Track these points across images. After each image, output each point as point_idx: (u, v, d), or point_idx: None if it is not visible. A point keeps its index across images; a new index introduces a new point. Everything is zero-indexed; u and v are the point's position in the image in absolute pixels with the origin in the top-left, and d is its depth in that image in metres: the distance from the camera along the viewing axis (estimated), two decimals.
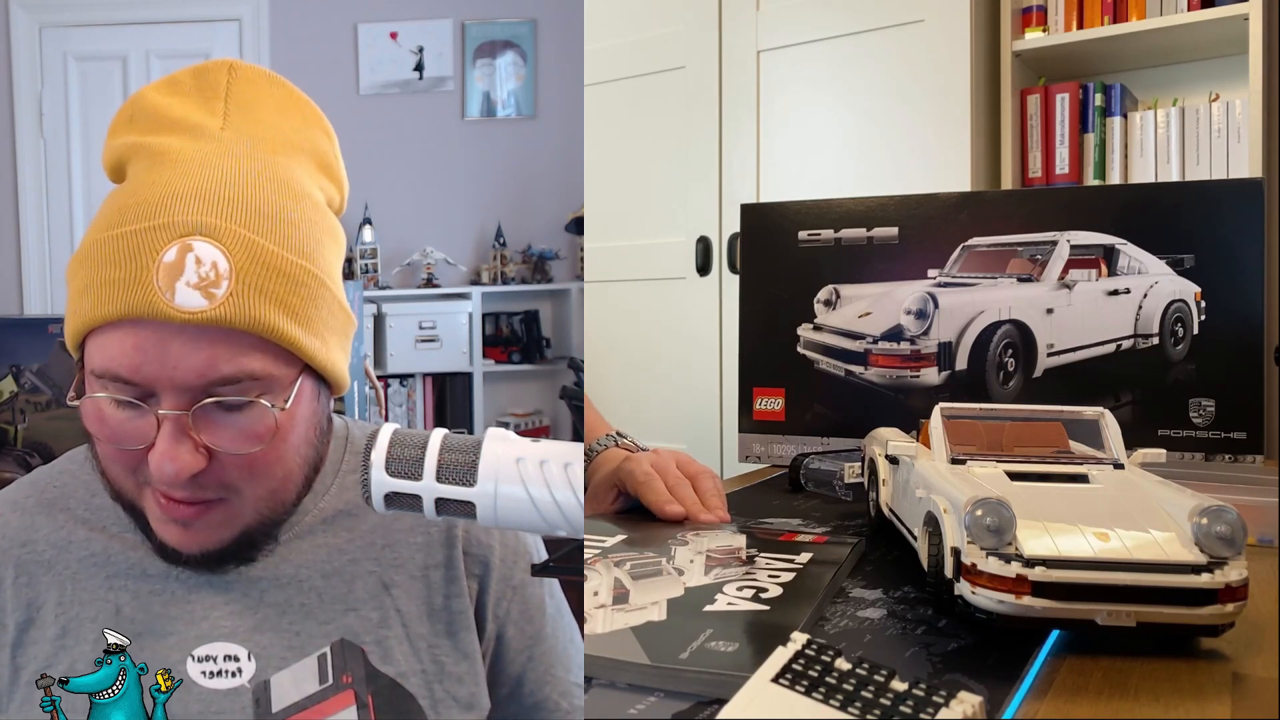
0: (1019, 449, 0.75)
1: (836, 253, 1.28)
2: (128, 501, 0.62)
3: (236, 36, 3.45)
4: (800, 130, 2.61)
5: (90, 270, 0.57)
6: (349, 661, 0.61)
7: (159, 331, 0.55)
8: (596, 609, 0.61)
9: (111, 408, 0.57)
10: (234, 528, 0.62)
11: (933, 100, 2.40)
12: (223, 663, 0.62)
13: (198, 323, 0.55)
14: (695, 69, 2.76)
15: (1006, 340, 1.20)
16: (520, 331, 3.53)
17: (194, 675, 0.61)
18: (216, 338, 0.56)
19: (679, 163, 2.80)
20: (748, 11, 2.67)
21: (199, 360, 0.55)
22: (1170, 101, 2.47)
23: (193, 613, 0.63)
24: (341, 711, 0.59)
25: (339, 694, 0.59)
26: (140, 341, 0.55)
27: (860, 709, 0.41)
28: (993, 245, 1.22)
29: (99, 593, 0.63)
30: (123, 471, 0.60)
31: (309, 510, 0.67)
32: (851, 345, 1.25)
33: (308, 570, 0.65)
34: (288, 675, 0.61)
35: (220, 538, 0.61)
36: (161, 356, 0.55)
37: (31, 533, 0.65)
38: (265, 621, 0.63)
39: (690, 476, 0.94)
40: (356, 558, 0.66)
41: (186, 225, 0.56)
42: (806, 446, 1.26)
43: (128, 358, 0.55)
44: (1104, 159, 2.44)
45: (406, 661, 0.64)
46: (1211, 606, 0.55)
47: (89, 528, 0.65)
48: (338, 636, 0.63)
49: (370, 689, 0.60)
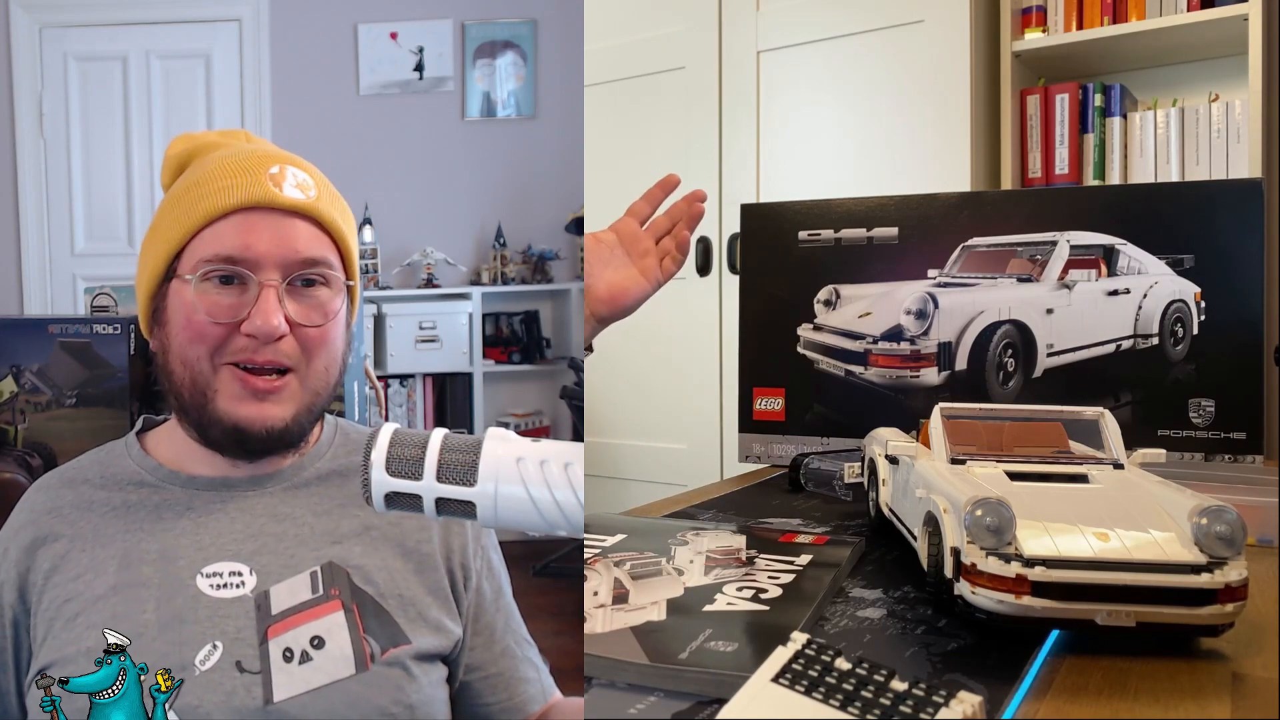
0: (1019, 449, 0.75)
1: (836, 253, 1.28)
2: (199, 389, 0.71)
3: (236, 36, 3.45)
4: (800, 130, 2.61)
5: (200, 184, 0.72)
6: (336, 579, 0.71)
7: (269, 217, 0.71)
8: (596, 609, 0.61)
9: (214, 289, 0.70)
10: (295, 405, 0.72)
11: (933, 100, 2.40)
12: (228, 577, 0.70)
13: (301, 209, 0.71)
14: (695, 69, 2.76)
15: (1006, 340, 1.20)
16: (520, 331, 3.53)
17: (203, 588, 0.70)
18: (309, 228, 0.72)
19: (679, 163, 2.80)
20: (748, 11, 2.67)
21: (299, 242, 0.71)
22: (1170, 102, 2.47)
23: (202, 540, 0.72)
24: (331, 614, 0.69)
25: (328, 602, 0.70)
26: (253, 224, 0.70)
27: (860, 709, 0.41)
28: (993, 245, 1.22)
29: (118, 536, 0.71)
30: (206, 352, 0.71)
31: (305, 468, 0.77)
32: (851, 345, 1.25)
33: (302, 510, 0.75)
34: (284, 587, 0.70)
35: (284, 414, 0.72)
36: (272, 235, 0.70)
37: (56, 501, 0.74)
38: (265, 547, 0.72)
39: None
40: (343, 503, 0.76)
41: (280, 157, 0.74)
42: (806, 446, 1.26)
43: (243, 237, 0.70)
44: (1104, 159, 2.44)
45: (385, 586, 0.73)
46: (1211, 606, 0.55)
47: (107, 489, 0.74)
48: (326, 560, 0.72)
49: (355, 600, 0.70)
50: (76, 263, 3.46)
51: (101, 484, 0.75)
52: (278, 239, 0.71)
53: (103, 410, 1.31)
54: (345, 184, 0.79)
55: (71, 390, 1.32)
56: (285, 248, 0.71)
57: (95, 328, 1.31)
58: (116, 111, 3.42)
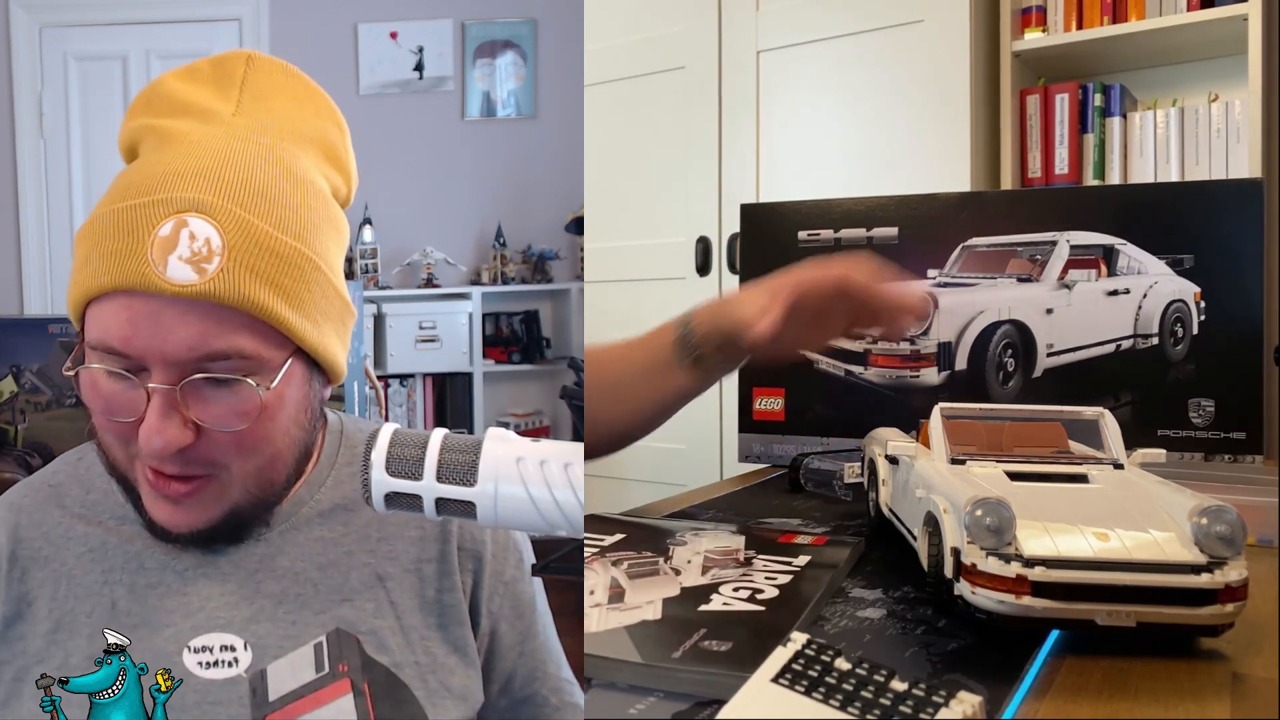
0: (1019, 449, 0.75)
1: (836, 253, 1.28)
2: (121, 475, 0.62)
3: (236, 36, 3.45)
4: (800, 130, 2.61)
5: (92, 242, 0.58)
6: (345, 650, 0.61)
7: (151, 304, 0.56)
8: (592, 608, 0.61)
9: (105, 379, 0.58)
10: (223, 506, 0.62)
11: (932, 100, 2.40)
12: (219, 653, 0.62)
13: (187, 296, 0.55)
14: (695, 69, 2.76)
15: (1006, 340, 1.20)
16: (520, 331, 3.53)
17: (190, 666, 0.62)
18: (207, 313, 0.56)
19: (679, 163, 2.80)
20: (748, 11, 2.67)
21: (189, 334, 0.56)
22: (1170, 102, 2.47)
23: (189, 604, 0.63)
24: (338, 699, 0.59)
25: (335, 682, 0.60)
26: (133, 314, 0.56)
27: (860, 709, 0.41)
28: (992, 245, 1.22)
29: (94, 587, 0.63)
30: (116, 442, 0.61)
31: (305, 502, 0.67)
32: (851, 345, 1.25)
33: (303, 562, 0.66)
34: (284, 664, 0.61)
35: (210, 516, 0.62)
36: (153, 329, 0.56)
37: (28, 529, 0.65)
38: (261, 612, 0.63)
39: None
40: (352, 550, 0.67)
41: (183, 202, 0.57)
42: (806, 446, 1.26)
43: (121, 329, 0.56)
44: (1104, 159, 2.44)
45: (400, 652, 0.65)
46: (1211, 607, 0.55)
47: (85, 522, 0.66)
48: (333, 626, 0.63)
49: (366, 677, 0.61)
50: None
51: (79, 512, 0.66)
52: (165, 334, 0.56)
53: None
54: None
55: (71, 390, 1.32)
56: (174, 345, 0.56)
57: None
58: (116, 111, 3.41)
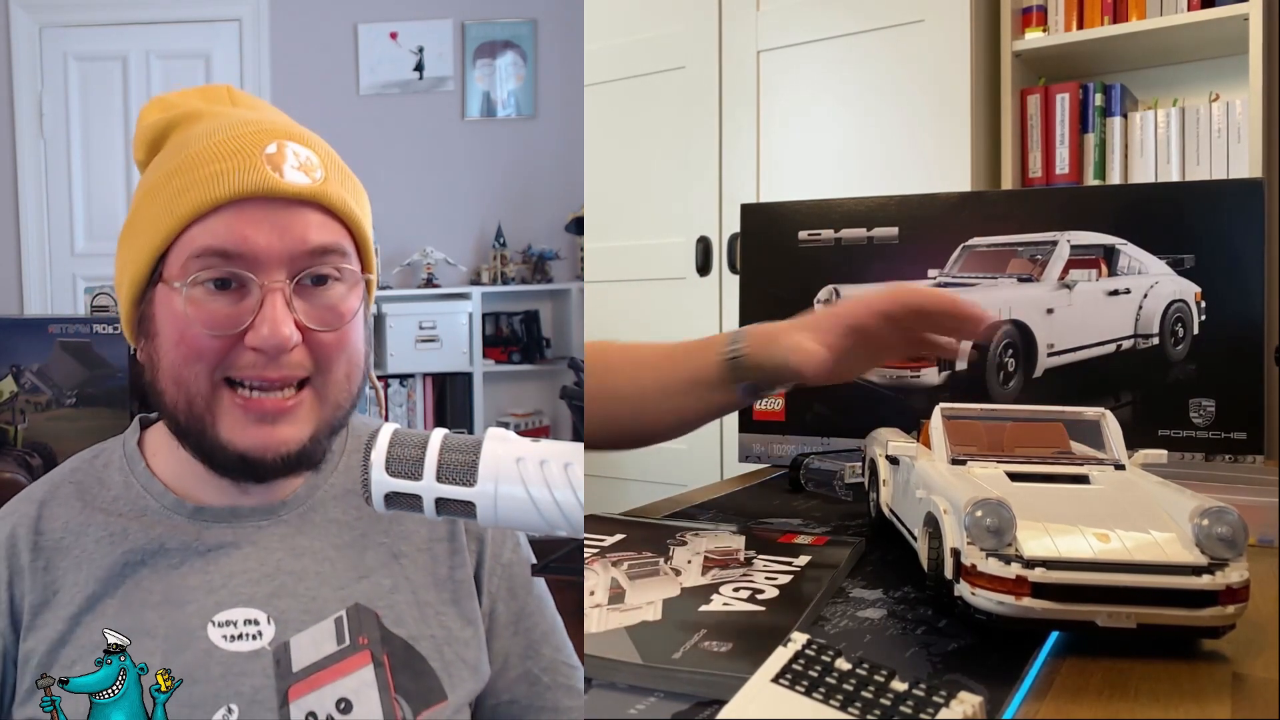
0: (1019, 449, 0.75)
1: (836, 253, 1.28)
2: (197, 414, 0.63)
3: (236, 36, 3.45)
4: (800, 130, 2.61)
5: (187, 175, 0.61)
6: (364, 624, 0.63)
7: (266, 207, 0.61)
8: (592, 608, 0.61)
9: (207, 297, 0.61)
10: (312, 423, 0.64)
11: (933, 100, 2.40)
12: (243, 626, 0.63)
13: (305, 196, 0.61)
14: (695, 69, 2.76)
15: (1006, 340, 1.20)
16: (520, 331, 3.52)
17: (215, 639, 0.63)
18: (316, 215, 0.62)
19: (679, 163, 2.80)
20: (748, 11, 2.67)
21: (304, 229, 0.61)
22: (1170, 101, 2.47)
23: (211, 582, 0.64)
24: (359, 670, 0.61)
25: (356, 654, 0.62)
26: (252, 216, 0.60)
27: (860, 709, 0.41)
28: (993, 245, 1.22)
29: (116, 568, 0.64)
30: (205, 371, 0.62)
31: (319, 487, 0.70)
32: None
33: (321, 542, 0.68)
34: (306, 637, 0.63)
35: (300, 435, 0.64)
36: (270, 227, 0.61)
37: (48, 521, 0.66)
38: (283, 588, 0.65)
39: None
40: (366, 531, 0.69)
41: (278, 130, 0.63)
42: (806, 446, 1.26)
43: (239, 234, 0.60)
44: (1104, 159, 2.44)
45: (417, 626, 0.67)
46: (1212, 608, 0.55)
47: (105, 513, 0.66)
48: (352, 602, 0.65)
49: (385, 649, 0.63)
50: (76, 263, 3.46)
51: (99, 505, 0.67)
52: (281, 232, 0.61)
53: (103, 410, 1.31)
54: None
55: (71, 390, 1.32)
56: (291, 241, 0.61)
57: (95, 328, 1.31)
58: (116, 111, 3.42)
